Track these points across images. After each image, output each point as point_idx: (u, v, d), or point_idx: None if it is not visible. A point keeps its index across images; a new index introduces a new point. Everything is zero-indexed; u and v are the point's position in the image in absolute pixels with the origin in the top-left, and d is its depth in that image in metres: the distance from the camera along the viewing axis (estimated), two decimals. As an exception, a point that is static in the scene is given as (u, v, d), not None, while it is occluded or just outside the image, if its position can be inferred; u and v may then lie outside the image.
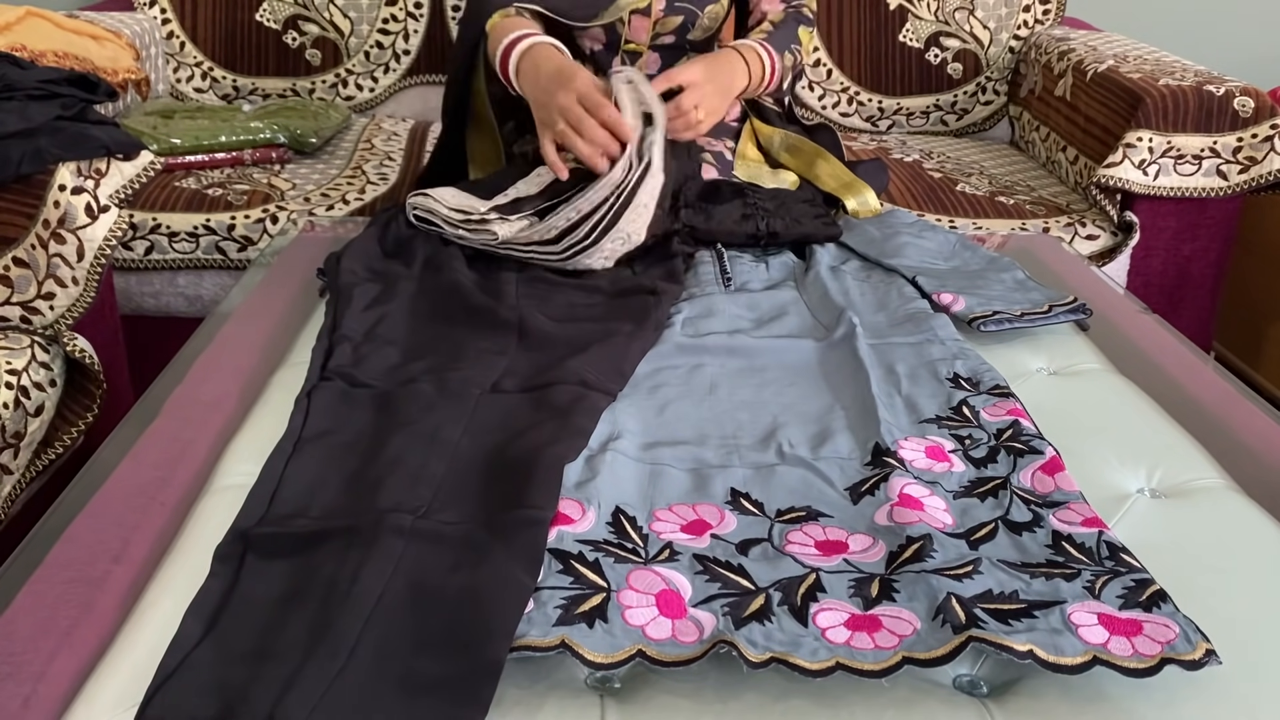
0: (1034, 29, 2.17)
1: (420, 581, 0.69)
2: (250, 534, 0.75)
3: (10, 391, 1.14)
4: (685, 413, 0.95)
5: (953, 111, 2.21)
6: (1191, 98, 1.66)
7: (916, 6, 2.16)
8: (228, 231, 1.64)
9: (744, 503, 0.82)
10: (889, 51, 2.17)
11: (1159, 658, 0.64)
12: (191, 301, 1.70)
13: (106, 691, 0.65)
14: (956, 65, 2.17)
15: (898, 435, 0.90)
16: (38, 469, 1.21)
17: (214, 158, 1.79)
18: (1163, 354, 1.13)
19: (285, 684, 0.61)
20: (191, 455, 0.89)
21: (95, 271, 1.25)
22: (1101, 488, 0.86)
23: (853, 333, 1.07)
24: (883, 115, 2.20)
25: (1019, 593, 0.70)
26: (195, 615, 0.68)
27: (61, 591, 0.71)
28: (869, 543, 0.77)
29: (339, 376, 0.96)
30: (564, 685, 0.65)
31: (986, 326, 1.12)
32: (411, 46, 2.15)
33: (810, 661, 0.64)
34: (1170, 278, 1.78)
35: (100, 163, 1.30)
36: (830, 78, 2.18)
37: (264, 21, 2.12)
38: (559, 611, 0.67)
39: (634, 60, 1.51)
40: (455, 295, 1.13)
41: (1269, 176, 1.67)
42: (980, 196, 1.81)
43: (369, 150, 1.92)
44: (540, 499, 0.77)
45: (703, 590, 0.71)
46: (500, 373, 0.99)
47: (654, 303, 1.12)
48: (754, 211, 1.33)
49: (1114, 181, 1.69)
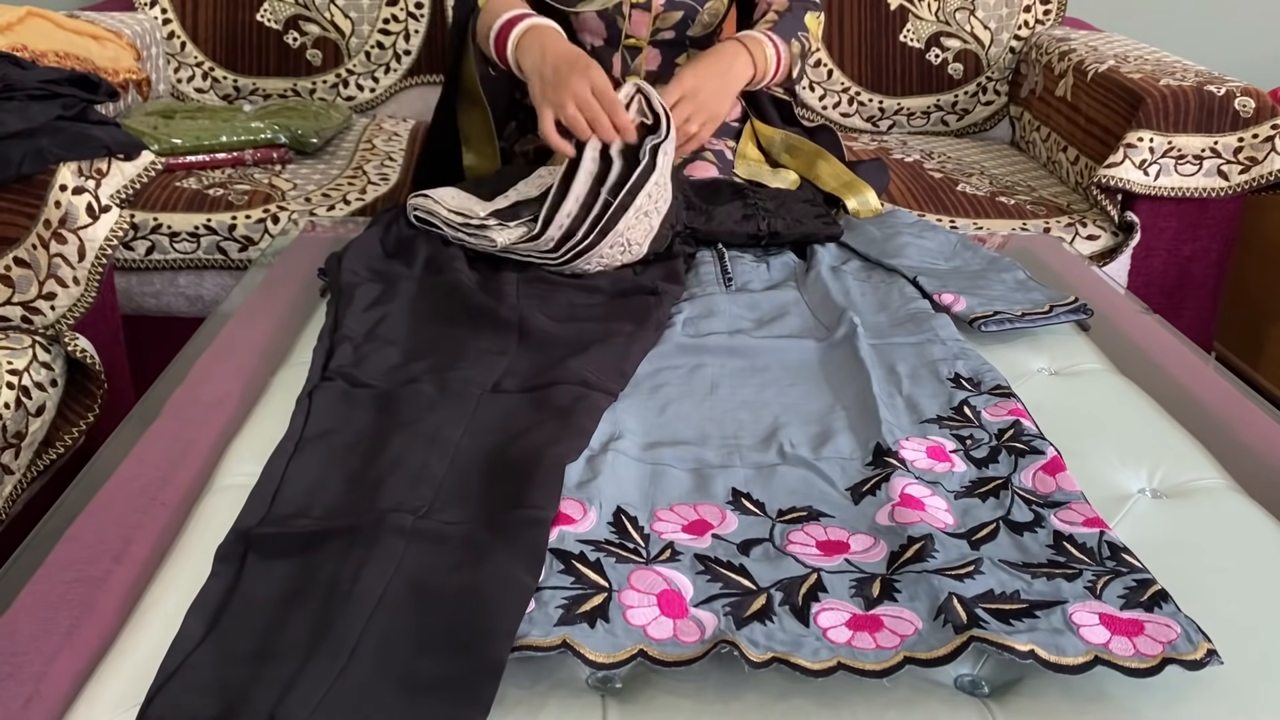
0: (1035, 29, 2.17)
1: (421, 581, 0.69)
2: (251, 534, 0.75)
3: (11, 391, 1.14)
4: (686, 413, 0.95)
5: (953, 112, 2.21)
6: (1192, 98, 1.66)
7: (917, 7, 2.16)
8: (229, 231, 1.65)
9: (745, 503, 0.82)
10: (890, 52, 2.17)
11: (1160, 658, 0.64)
12: (192, 301, 1.70)
13: (108, 691, 0.65)
14: (957, 65, 2.17)
15: (899, 435, 0.90)
16: (39, 469, 1.21)
17: (215, 158, 1.79)
18: (1164, 354, 1.13)
19: (286, 684, 0.61)
20: (193, 455, 0.89)
21: (96, 271, 1.25)
22: (1103, 488, 0.86)
23: (854, 333, 1.07)
24: (883, 115, 2.20)
25: (1020, 593, 0.70)
26: (197, 615, 0.68)
27: (63, 591, 0.71)
28: (870, 543, 0.77)
29: (340, 376, 0.96)
30: (565, 685, 0.65)
31: (987, 327, 1.12)
32: (412, 47, 2.15)
33: (811, 661, 0.64)
34: (1171, 278, 1.78)
35: (101, 163, 1.30)
36: (831, 78, 2.18)
37: (265, 22, 2.12)
38: (560, 611, 0.67)
39: (634, 56, 1.51)
40: (456, 295, 1.13)
41: (1270, 176, 1.67)
42: (981, 197, 1.81)
43: (370, 150, 1.93)
44: (541, 499, 0.77)
45: (704, 590, 0.71)
46: (501, 373, 0.99)
47: (655, 303, 1.12)
48: (755, 211, 1.33)
49: (1115, 182, 1.69)
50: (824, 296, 1.18)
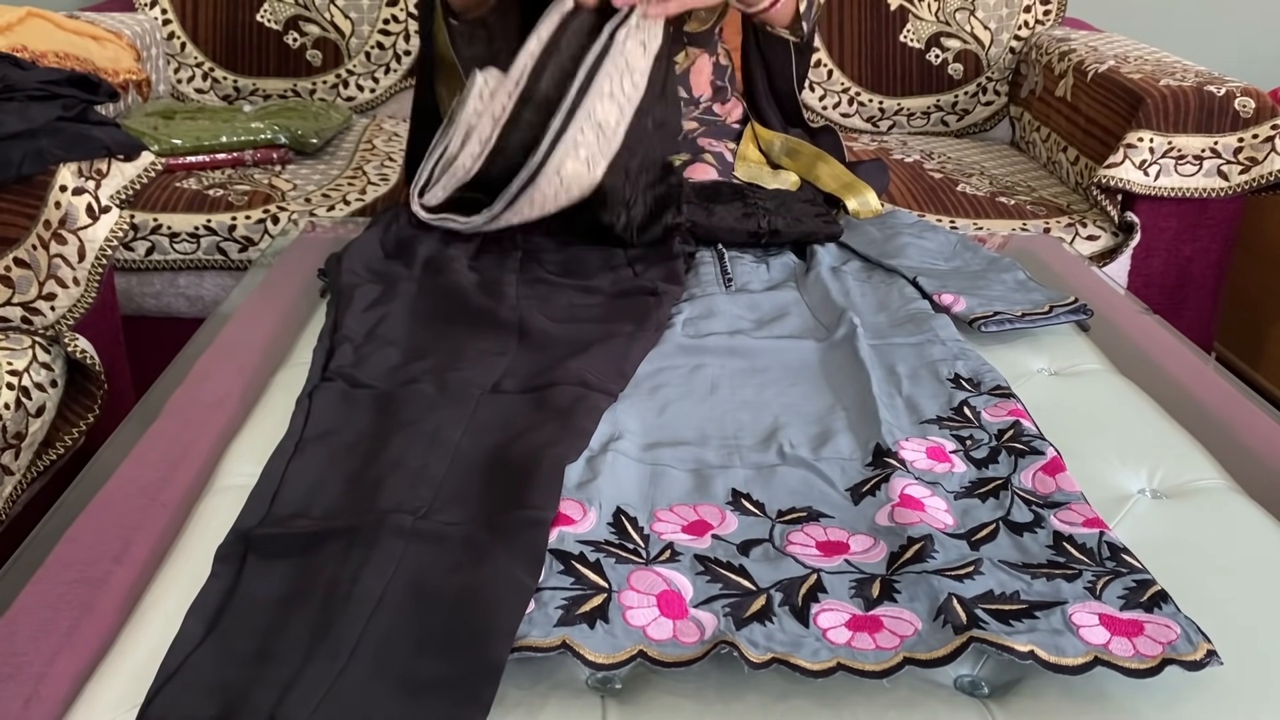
0: (1035, 29, 2.17)
1: (421, 582, 0.69)
2: (251, 534, 0.75)
3: (11, 392, 1.14)
4: (686, 413, 0.95)
5: (953, 112, 2.21)
6: (1192, 98, 1.66)
7: (917, 7, 2.16)
8: (229, 232, 1.65)
9: (745, 503, 0.82)
10: (890, 52, 2.17)
11: (1160, 658, 0.64)
12: (192, 302, 1.70)
13: (108, 692, 0.65)
14: (957, 66, 2.17)
15: (899, 436, 0.90)
16: (39, 470, 1.21)
17: (215, 158, 1.79)
18: (1164, 354, 1.13)
19: (286, 685, 0.61)
20: (193, 456, 0.89)
21: (96, 272, 1.25)
22: (1102, 488, 0.86)
23: (854, 333, 1.07)
24: (883, 116, 2.20)
25: (1020, 593, 0.70)
26: (196, 616, 0.68)
27: (63, 592, 0.71)
28: (870, 543, 0.77)
29: (340, 377, 0.96)
30: (565, 686, 0.65)
31: (987, 327, 1.12)
32: (412, 47, 2.15)
33: (811, 662, 0.64)
34: (1171, 278, 1.78)
35: (101, 163, 1.30)
36: (831, 78, 2.18)
37: (265, 22, 2.12)
38: (560, 612, 0.67)
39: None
40: (456, 295, 1.13)
41: (1270, 177, 1.67)
42: (981, 197, 1.81)
43: (370, 151, 1.93)
44: (541, 499, 0.77)
45: (704, 591, 0.71)
46: (501, 373, 0.99)
47: (655, 303, 1.12)
48: (755, 210, 1.33)
49: (1115, 182, 1.69)
50: (824, 297, 1.18)
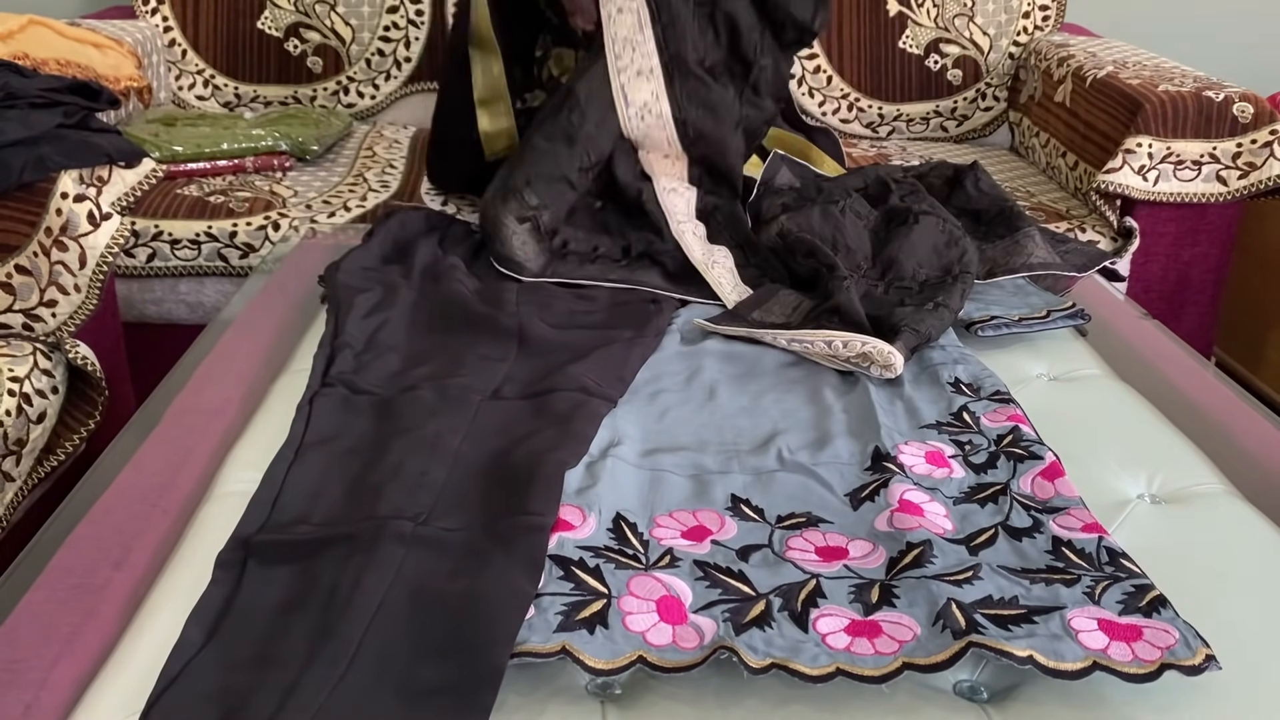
0: (1033, 35, 2.17)
1: (421, 588, 0.70)
2: (252, 541, 0.75)
3: (12, 399, 1.14)
4: (685, 419, 0.95)
5: (953, 118, 2.21)
6: (1191, 103, 1.67)
7: (916, 13, 2.16)
8: (229, 239, 1.65)
9: (744, 508, 0.82)
10: (889, 58, 2.18)
11: (1159, 663, 0.64)
12: (193, 309, 1.70)
13: (108, 698, 0.65)
14: (956, 71, 2.18)
15: (898, 440, 0.90)
16: (39, 476, 1.21)
17: (216, 165, 1.79)
18: (1163, 359, 1.13)
19: (286, 691, 0.61)
20: (193, 462, 0.89)
21: (97, 279, 1.25)
22: (1101, 493, 0.86)
23: (853, 339, 1.07)
24: (883, 121, 2.21)
25: (1019, 598, 0.70)
26: (197, 622, 0.68)
27: (63, 598, 0.72)
28: (869, 548, 0.77)
29: (340, 383, 0.97)
30: (565, 691, 0.65)
31: (985, 331, 1.12)
32: (413, 54, 2.15)
33: (811, 667, 0.64)
34: (1170, 283, 1.78)
35: (102, 170, 1.31)
36: (830, 84, 2.19)
37: (265, 29, 2.12)
38: (560, 618, 0.68)
39: None
40: (456, 302, 1.13)
41: (1268, 182, 1.67)
42: (980, 202, 1.81)
43: (371, 158, 1.93)
44: (541, 505, 0.77)
45: (703, 596, 0.71)
46: (501, 379, 0.99)
47: (654, 310, 1.12)
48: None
49: (1114, 187, 1.69)
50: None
